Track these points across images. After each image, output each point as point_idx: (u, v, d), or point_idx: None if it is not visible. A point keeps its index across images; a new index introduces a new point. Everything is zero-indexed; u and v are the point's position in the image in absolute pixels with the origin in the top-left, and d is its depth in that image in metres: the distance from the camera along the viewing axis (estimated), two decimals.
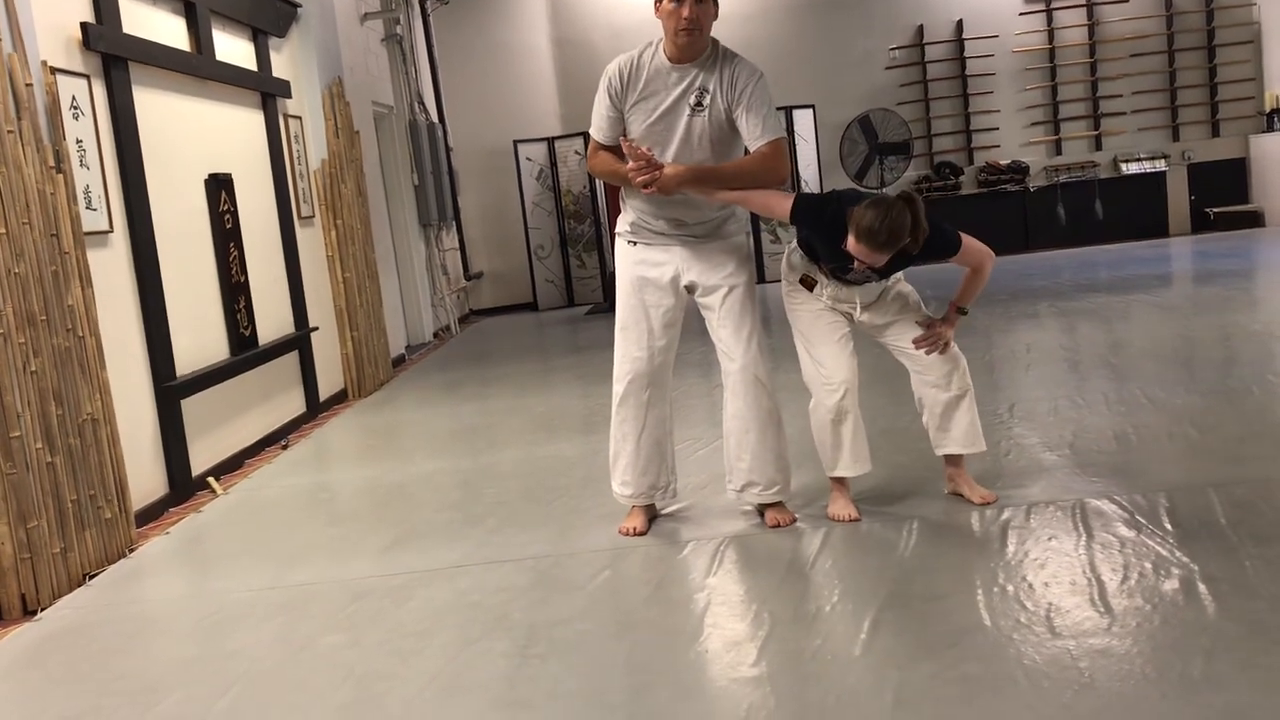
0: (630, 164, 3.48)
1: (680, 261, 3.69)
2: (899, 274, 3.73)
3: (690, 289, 3.72)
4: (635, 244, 3.75)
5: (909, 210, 3.33)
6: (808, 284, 3.71)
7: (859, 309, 3.69)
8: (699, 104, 3.53)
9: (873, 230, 3.29)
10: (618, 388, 3.77)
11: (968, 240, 3.58)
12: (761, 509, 3.79)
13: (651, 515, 3.88)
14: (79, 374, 4.18)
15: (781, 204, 3.55)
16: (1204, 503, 3.47)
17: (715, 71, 3.53)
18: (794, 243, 3.80)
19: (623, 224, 3.80)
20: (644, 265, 3.71)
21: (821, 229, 3.51)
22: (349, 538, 4.22)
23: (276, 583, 3.75)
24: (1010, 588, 2.98)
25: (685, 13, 3.41)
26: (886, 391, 4.97)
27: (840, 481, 3.76)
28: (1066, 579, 3.00)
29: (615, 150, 3.62)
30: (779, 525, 3.70)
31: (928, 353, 3.64)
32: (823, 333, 3.69)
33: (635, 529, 3.78)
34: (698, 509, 4.00)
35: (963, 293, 3.67)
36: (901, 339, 3.69)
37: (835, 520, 3.68)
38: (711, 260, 3.69)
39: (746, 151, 3.61)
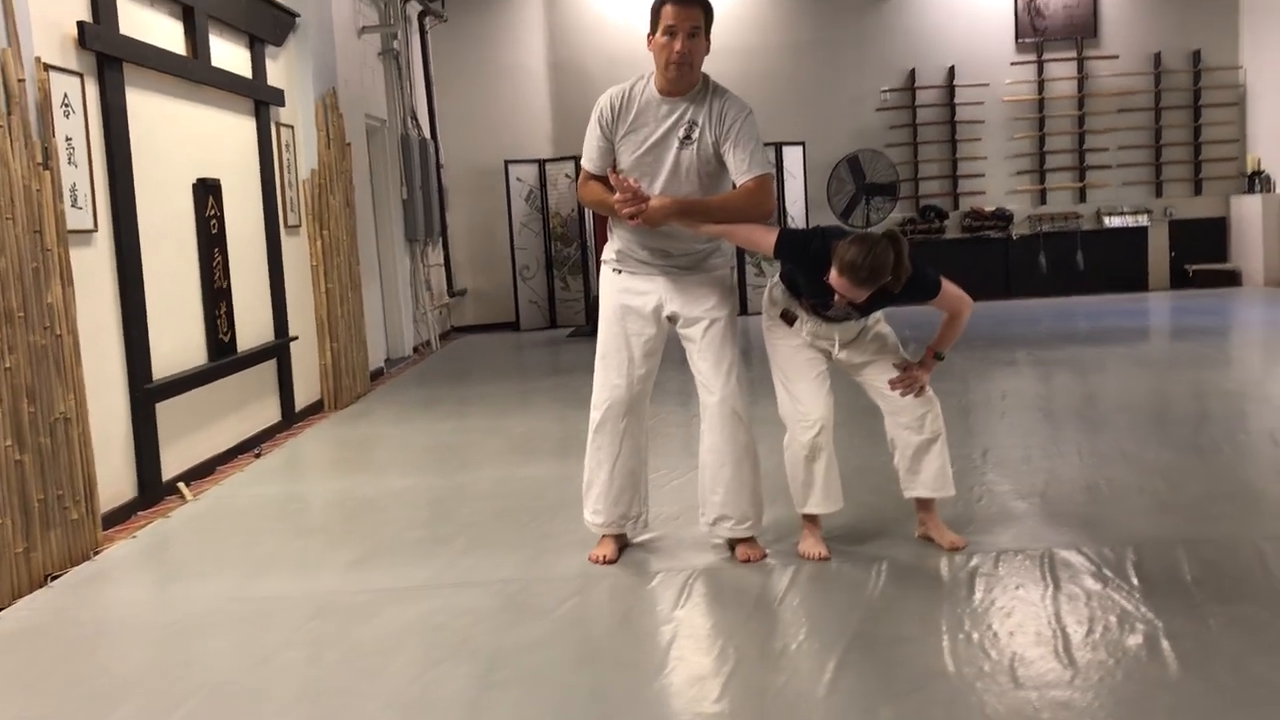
0: (617, 195, 3.51)
1: (663, 291, 3.71)
2: (879, 314, 3.76)
3: (672, 319, 3.74)
4: (620, 272, 3.76)
5: (892, 249, 3.36)
6: (788, 319, 3.73)
7: (837, 346, 3.71)
8: (688, 137, 3.56)
9: (855, 265, 3.31)
10: (594, 415, 3.77)
11: (947, 285, 3.61)
12: (732, 543, 3.79)
13: (622, 544, 3.87)
14: (54, 372, 4.15)
15: (766, 238, 3.57)
16: (1171, 559, 3.49)
17: (705, 105, 3.57)
18: (776, 277, 3.82)
19: (609, 252, 3.82)
20: (628, 294, 3.73)
21: (805, 263, 3.53)
22: (316, 551, 4.20)
23: (240, 593, 3.73)
24: (976, 635, 2.98)
25: (678, 46, 3.46)
26: (862, 430, 4.99)
27: (812, 519, 3.76)
28: (1032, 629, 3.02)
29: (605, 180, 3.65)
30: (749, 560, 3.69)
31: (903, 395, 3.66)
32: (801, 369, 3.71)
33: (605, 557, 3.77)
34: (669, 540, 3.99)
35: (940, 338, 3.69)
36: (878, 379, 3.72)
37: (805, 558, 3.68)
38: (694, 292, 3.71)
39: (734, 186, 3.63)
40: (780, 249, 3.55)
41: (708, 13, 3.54)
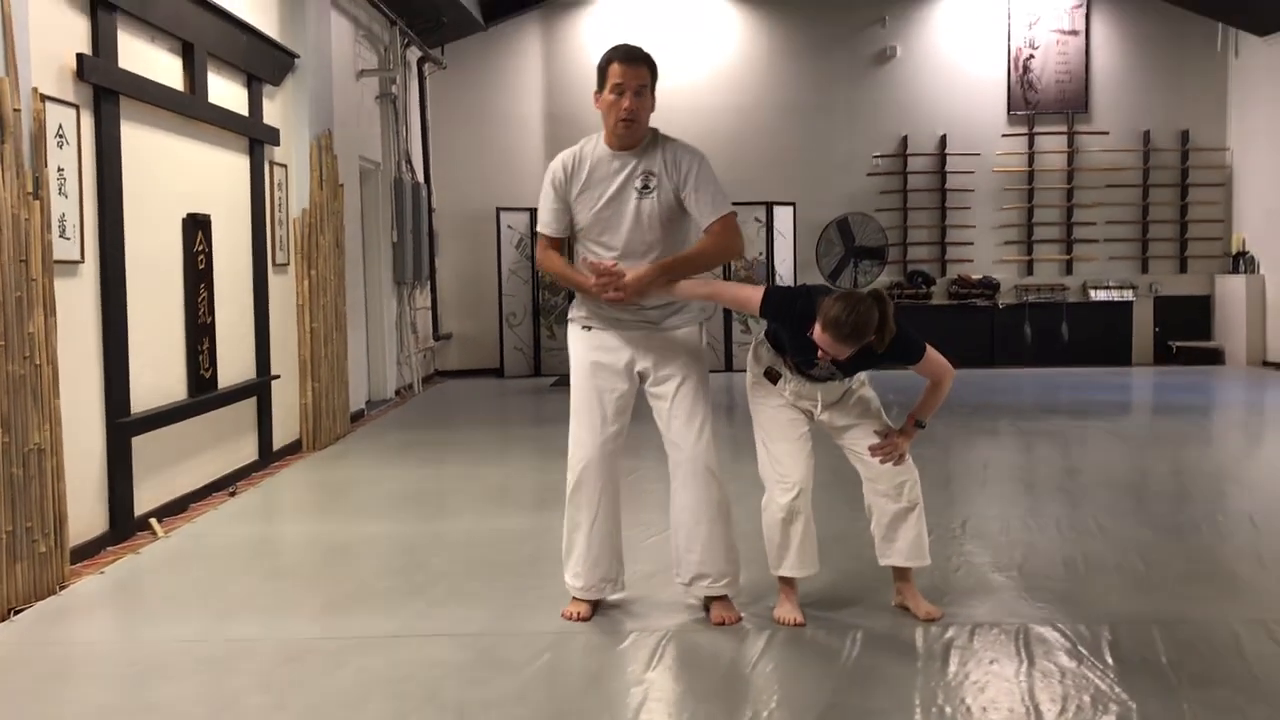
0: (594, 280, 3.56)
1: (635, 348, 3.71)
2: (863, 376, 3.76)
3: (643, 376, 3.73)
4: (590, 329, 3.75)
5: (877, 308, 3.37)
6: (772, 377, 3.73)
7: (820, 407, 3.71)
8: (645, 186, 3.62)
9: (839, 321, 3.32)
10: (571, 476, 3.73)
11: (931, 352, 3.62)
12: (708, 603, 3.75)
13: (596, 602, 3.83)
14: (31, 402, 4.11)
15: (752, 297, 3.59)
16: (1147, 639, 3.47)
17: (656, 156, 3.64)
18: (761, 334, 3.83)
19: (576, 310, 3.81)
20: (599, 350, 3.72)
21: (790, 321, 3.54)
22: (287, 595, 4.14)
23: (207, 635, 3.67)
24: (949, 709, 2.96)
25: (626, 104, 3.54)
26: (843, 495, 4.96)
27: (788, 582, 3.73)
28: (1005, 705, 2.99)
29: (562, 248, 3.74)
30: (724, 623, 3.66)
31: (882, 462, 3.65)
32: (783, 430, 3.70)
33: (579, 615, 3.73)
34: (643, 599, 3.95)
35: (921, 405, 3.69)
36: (858, 444, 3.71)
37: (780, 623, 3.65)
38: (665, 349, 3.72)
39: (702, 230, 3.67)
40: (766, 307, 3.57)
41: (653, 71, 3.63)
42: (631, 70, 3.55)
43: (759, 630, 3.60)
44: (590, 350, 3.74)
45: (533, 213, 11.89)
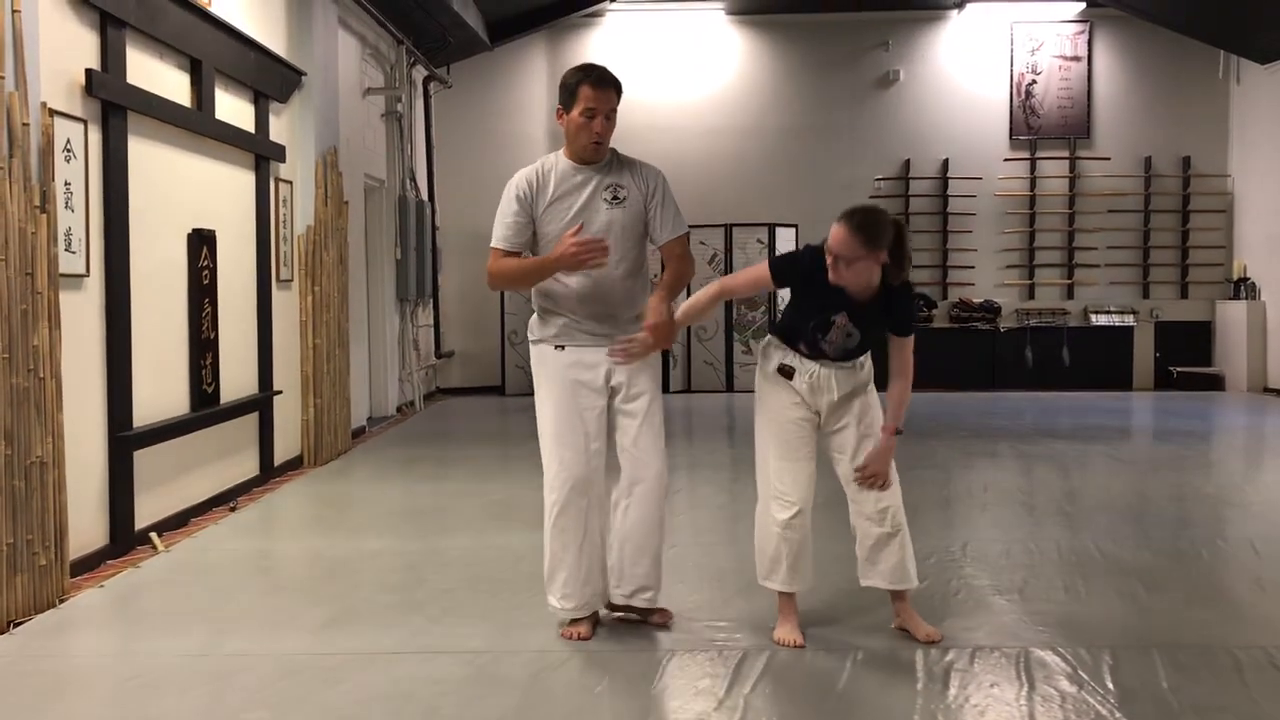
0: (570, 245, 3.51)
1: (608, 363, 3.71)
2: (869, 374, 3.73)
3: (614, 391, 3.74)
4: (563, 348, 3.73)
5: (895, 225, 3.52)
6: (786, 373, 3.71)
7: (834, 397, 3.67)
8: (615, 198, 3.69)
9: (853, 213, 3.47)
10: (553, 497, 3.69)
11: (911, 346, 3.69)
12: (643, 613, 3.84)
13: (595, 620, 3.83)
14: (34, 415, 4.12)
15: (761, 272, 3.72)
16: (1147, 664, 3.47)
17: (620, 171, 3.74)
18: (768, 335, 3.84)
19: (543, 329, 3.77)
20: (577, 368, 3.70)
21: (802, 269, 3.63)
22: (286, 610, 4.14)
23: (207, 650, 3.67)
24: None
25: (596, 127, 3.64)
26: (844, 515, 4.97)
27: (788, 601, 3.73)
28: None
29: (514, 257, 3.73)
30: (666, 624, 3.83)
31: (869, 488, 3.65)
32: (788, 447, 3.69)
33: (580, 634, 3.71)
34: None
35: (893, 413, 3.67)
36: (845, 455, 3.70)
37: (780, 644, 3.65)
38: (637, 364, 3.73)
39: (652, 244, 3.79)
40: (776, 272, 3.68)
41: (619, 92, 3.72)
42: (603, 95, 3.64)
43: (758, 651, 3.60)
44: (567, 369, 3.71)
45: None
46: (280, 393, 6.98)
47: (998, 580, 4.45)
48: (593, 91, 3.62)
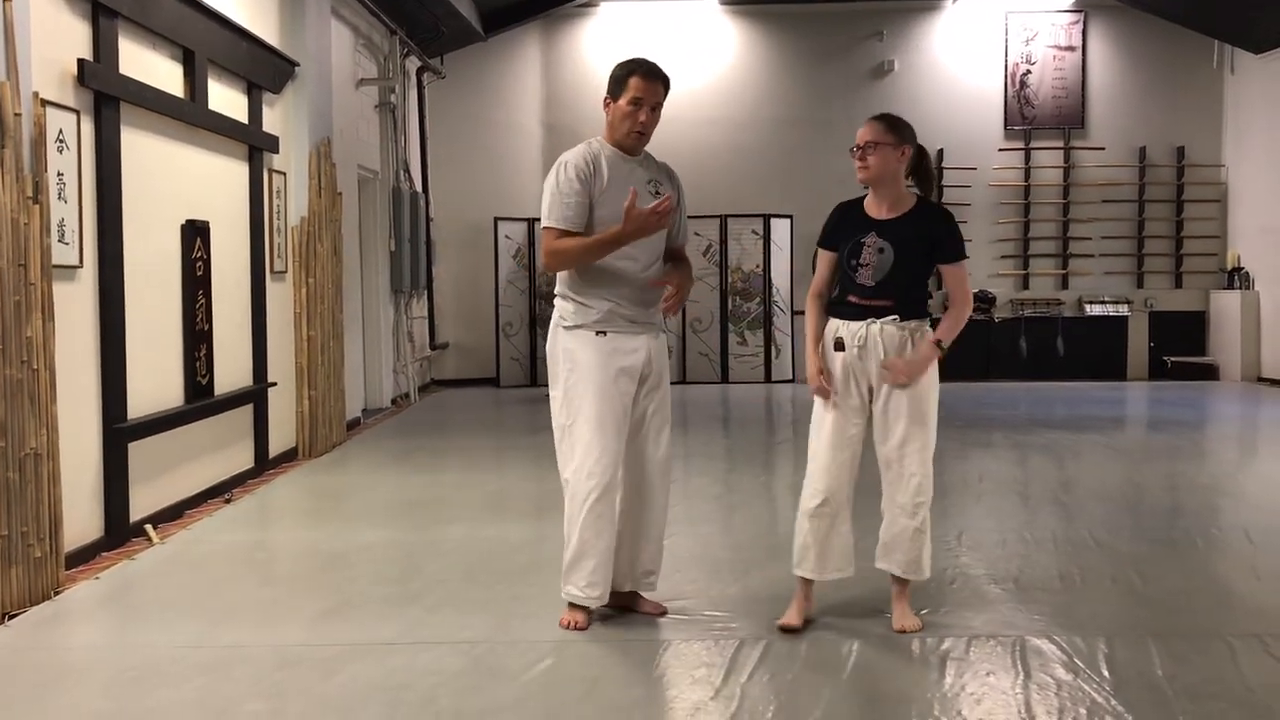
0: (642, 210, 3.55)
1: (647, 350, 3.75)
2: (929, 357, 3.70)
3: (644, 380, 3.76)
4: (604, 334, 3.71)
5: (920, 147, 3.72)
6: (838, 345, 3.72)
7: (879, 373, 3.65)
8: (656, 193, 3.76)
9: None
10: (592, 483, 3.64)
11: (966, 268, 3.76)
12: (635, 600, 3.88)
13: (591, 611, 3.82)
14: (28, 407, 4.11)
15: (818, 257, 3.91)
16: (1142, 652, 3.48)
17: (657, 170, 3.85)
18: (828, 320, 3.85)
19: (583, 314, 3.73)
20: (619, 354, 3.70)
21: (832, 221, 3.86)
22: (282, 602, 4.14)
23: (202, 641, 3.66)
24: None
25: (642, 117, 3.72)
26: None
27: (803, 586, 3.76)
28: (1001, 717, 2.99)
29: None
30: (663, 613, 3.86)
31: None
32: (828, 435, 3.71)
33: (578, 623, 3.71)
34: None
35: (944, 326, 3.70)
36: (889, 440, 3.69)
37: (782, 628, 3.66)
38: (660, 353, 3.84)
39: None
40: (821, 243, 3.88)
41: (667, 88, 3.78)
42: (651, 87, 3.70)
43: (756, 640, 3.60)
44: (609, 355, 3.68)
45: (531, 223, 11.91)
46: (275, 384, 6.97)
47: (994, 569, 4.46)
48: (642, 82, 3.69)
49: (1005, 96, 12.67)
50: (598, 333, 3.72)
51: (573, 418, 3.69)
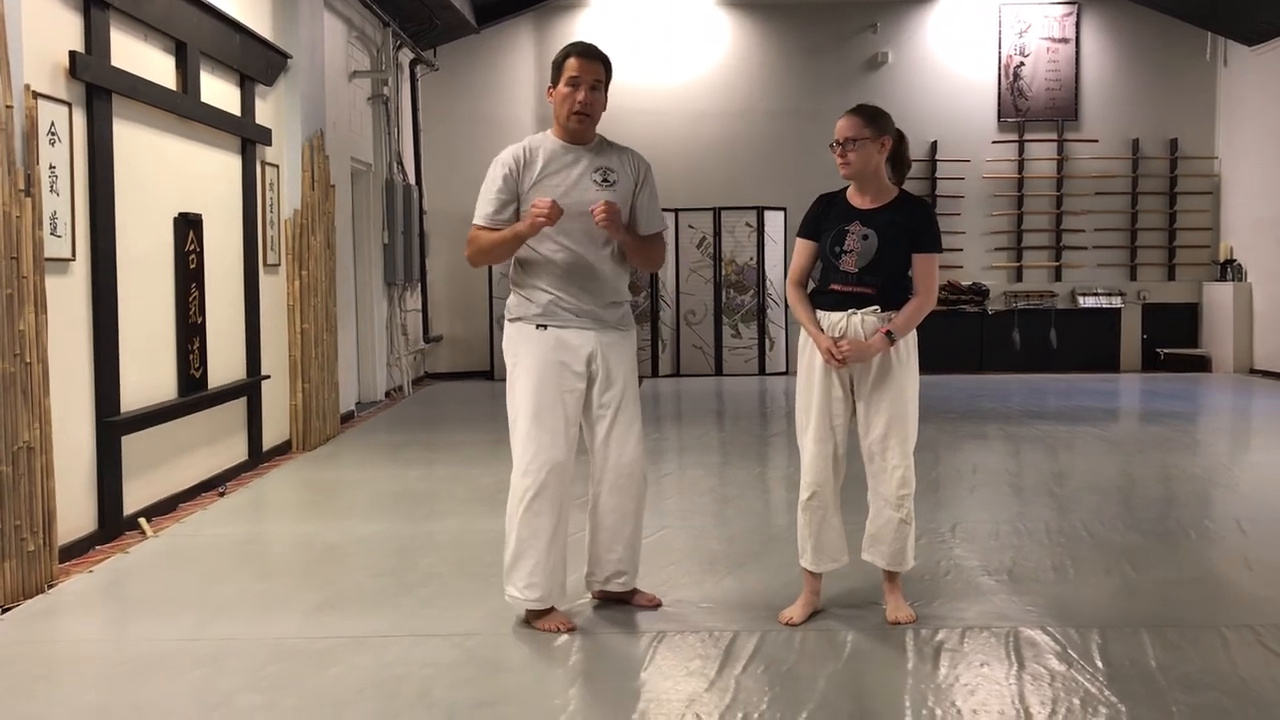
0: (540, 214, 3.49)
1: (594, 345, 3.68)
2: (913, 348, 3.72)
3: (592, 378, 3.70)
4: (545, 328, 3.66)
5: (899, 131, 3.73)
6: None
7: (860, 378, 3.68)
8: (605, 180, 3.68)
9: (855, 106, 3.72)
10: (527, 481, 3.61)
11: (938, 261, 3.72)
12: (618, 597, 3.87)
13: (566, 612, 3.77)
14: (21, 400, 4.10)
15: (796, 245, 3.91)
16: (1136, 643, 3.49)
17: (610, 155, 3.74)
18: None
19: (524, 308, 3.71)
20: (560, 349, 3.65)
21: (814, 213, 3.83)
22: (277, 594, 4.13)
23: (197, 634, 3.66)
24: (939, 711, 2.97)
25: (580, 97, 3.62)
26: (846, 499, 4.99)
27: (809, 580, 3.78)
28: (995, 708, 3.00)
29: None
30: (655, 605, 3.85)
31: (840, 359, 3.60)
32: (813, 428, 3.72)
33: (562, 626, 3.63)
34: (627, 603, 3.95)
35: (898, 319, 3.64)
36: (871, 432, 3.69)
37: (783, 622, 3.68)
38: (614, 350, 3.73)
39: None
40: (801, 233, 3.86)
41: (608, 68, 3.70)
42: (587, 65, 3.63)
43: (750, 631, 3.61)
44: (549, 349, 3.64)
45: None
46: (268, 377, 6.96)
47: (987, 561, 4.47)
48: (577, 61, 3.62)
49: (999, 89, 12.68)
50: (538, 326, 3.67)
51: (514, 414, 3.67)
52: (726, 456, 7.15)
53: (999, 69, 12.68)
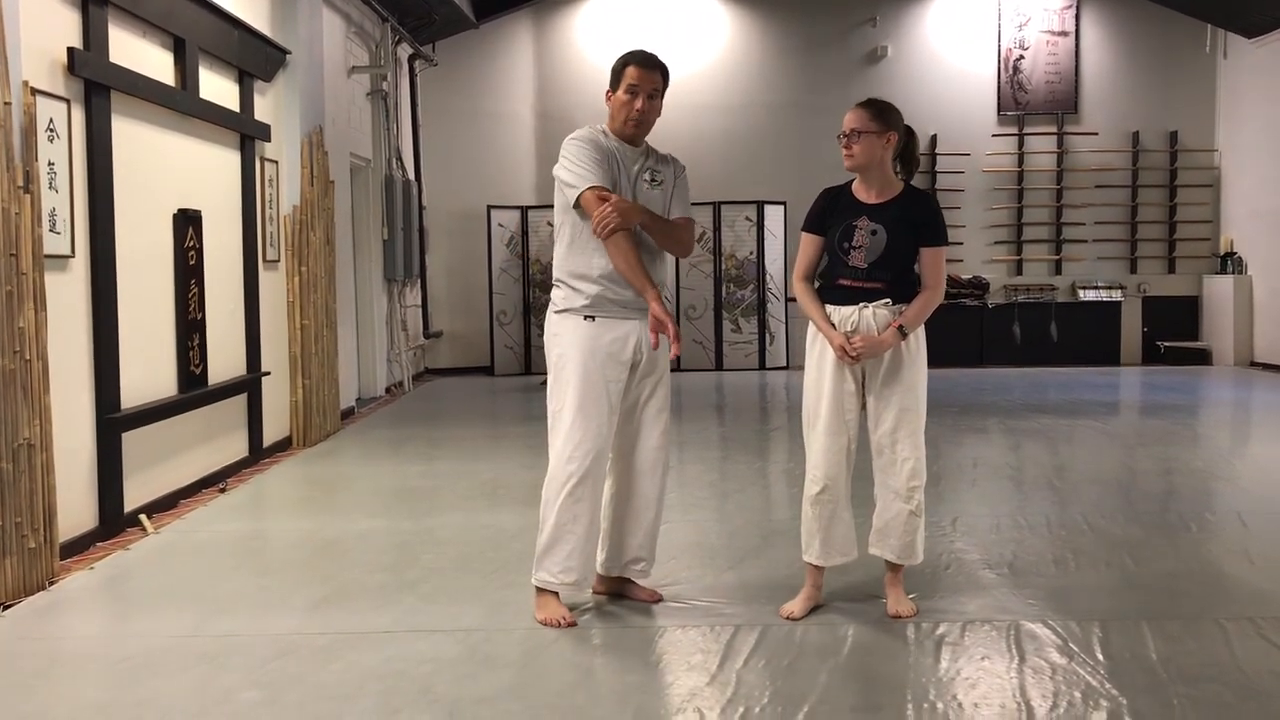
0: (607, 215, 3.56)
1: (639, 334, 3.72)
2: (921, 343, 3.74)
3: (635, 365, 3.75)
4: (594, 318, 3.71)
5: (908, 127, 3.72)
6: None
7: (873, 371, 3.68)
8: (654, 180, 3.80)
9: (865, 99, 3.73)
10: (571, 467, 3.65)
11: (944, 255, 3.76)
12: (629, 586, 3.90)
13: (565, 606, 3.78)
14: (21, 397, 4.09)
15: (802, 240, 3.89)
16: (1137, 635, 3.49)
17: (654, 157, 3.87)
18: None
19: (572, 299, 3.73)
20: (607, 340, 3.70)
21: (821, 207, 3.83)
22: (278, 590, 4.13)
23: (198, 631, 3.66)
24: (940, 705, 2.97)
25: (638, 105, 3.74)
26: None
27: (812, 574, 3.77)
28: (996, 701, 3.00)
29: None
30: (658, 599, 3.88)
31: (852, 355, 3.61)
32: (824, 421, 3.71)
33: (565, 619, 3.65)
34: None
35: (909, 314, 3.68)
36: (881, 426, 3.70)
37: (784, 616, 3.67)
38: (661, 345, 3.76)
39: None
40: (806, 226, 3.84)
41: (665, 77, 3.81)
42: (646, 75, 3.73)
43: (751, 626, 3.61)
44: (597, 340, 3.69)
45: (524, 211, 11.90)
46: (268, 374, 6.96)
47: (988, 554, 4.47)
48: (637, 70, 3.72)
49: (998, 82, 12.67)
50: (585, 317, 3.72)
51: (560, 403, 3.71)
52: (727, 451, 7.15)
53: (998, 62, 12.67)
